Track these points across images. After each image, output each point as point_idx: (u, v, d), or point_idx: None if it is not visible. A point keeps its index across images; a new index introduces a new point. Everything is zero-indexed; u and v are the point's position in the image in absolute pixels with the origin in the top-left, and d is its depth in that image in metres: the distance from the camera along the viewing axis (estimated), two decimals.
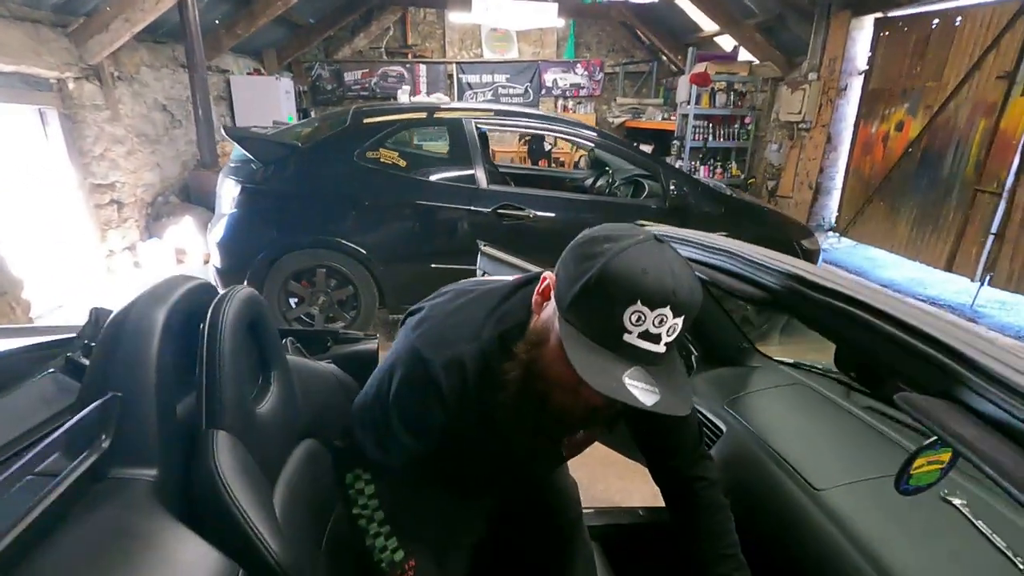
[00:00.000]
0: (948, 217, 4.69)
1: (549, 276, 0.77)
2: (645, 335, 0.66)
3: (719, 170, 6.86)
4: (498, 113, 3.40)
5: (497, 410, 0.81)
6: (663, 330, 0.66)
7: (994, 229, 4.27)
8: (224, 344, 0.83)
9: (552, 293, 0.75)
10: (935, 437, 0.68)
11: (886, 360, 0.55)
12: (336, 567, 0.98)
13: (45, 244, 3.82)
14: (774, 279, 0.73)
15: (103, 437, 0.73)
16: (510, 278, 0.91)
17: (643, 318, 0.65)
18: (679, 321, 0.67)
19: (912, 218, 5.02)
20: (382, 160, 3.10)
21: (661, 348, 0.67)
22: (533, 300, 0.79)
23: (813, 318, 0.67)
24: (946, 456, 0.67)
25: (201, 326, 0.85)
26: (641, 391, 0.65)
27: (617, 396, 0.64)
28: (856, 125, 5.65)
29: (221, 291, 0.91)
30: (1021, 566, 0.77)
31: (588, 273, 0.68)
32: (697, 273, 0.93)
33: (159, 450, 0.77)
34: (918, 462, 0.66)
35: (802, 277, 0.69)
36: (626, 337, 0.66)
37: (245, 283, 3.13)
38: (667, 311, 0.65)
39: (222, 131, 3.72)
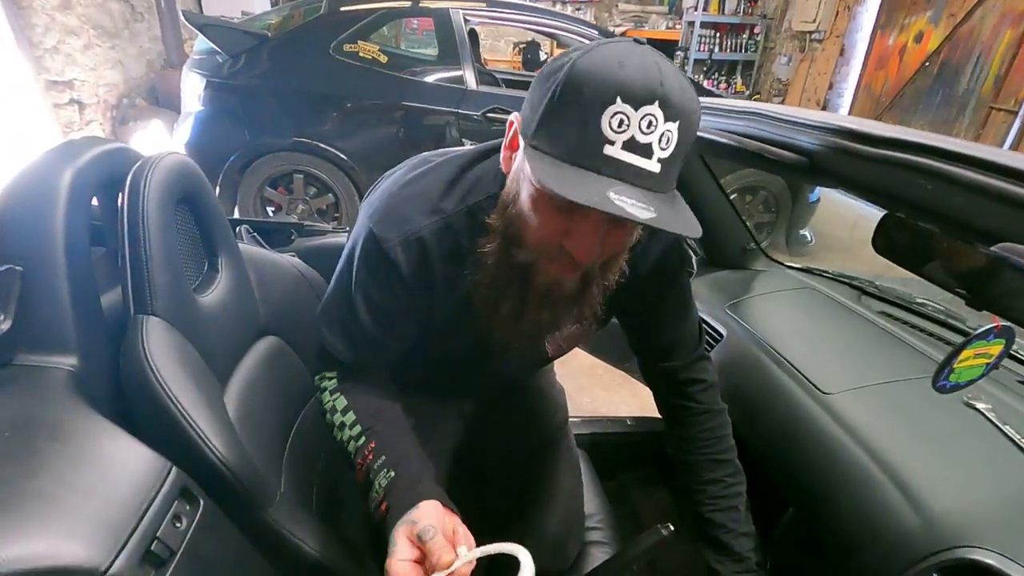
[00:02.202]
0: (959, 137, 4.50)
1: (515, 118, 0.63)
2: (631, 144, 0.52)
3: (723, 84, 6.52)
4: (490, 4, 3.08)
5: (474, 292, 0.70)
6: (653, 138, 0.53)
7: (1006, 149, 4.11)
8: (149, 218, 0.70)
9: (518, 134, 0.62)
10: (987, 327, 0.58)
11: (965, 216, 0.43)
12: (300, 471, 0.91)
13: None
14: (814, 138, 0.60)
15: (1, 317, 0.61)
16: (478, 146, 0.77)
17: (626, 121, 0.52)
18: (672, 128, 0.53)
19: None
20: (361, 55, 2.83)
21: (655, 164, 0.53)
22: (502, 156, 0.66)
23: (865, 180, 0.54)
24: (996, 348, 0.58)
25: (120, 196, 0.71)
26: (631, 206, 0.52)
27: (601, 207, 0.51)
28: (873, 36, 5.28)
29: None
30: None
31: (553, 86, 0.55)
32: (718, 139, 0.80)
33: (76, 336, 0.66)
34: (965, 354, 0.57)
35: (851, 130, 0.56)
36: (608, 150, 0.52)
37: (218, 189, 2.97)
38: (655, 109, 0.52)
39: (183, 18, 3.35)
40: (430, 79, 2.98)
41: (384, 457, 0.71)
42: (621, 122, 0.52)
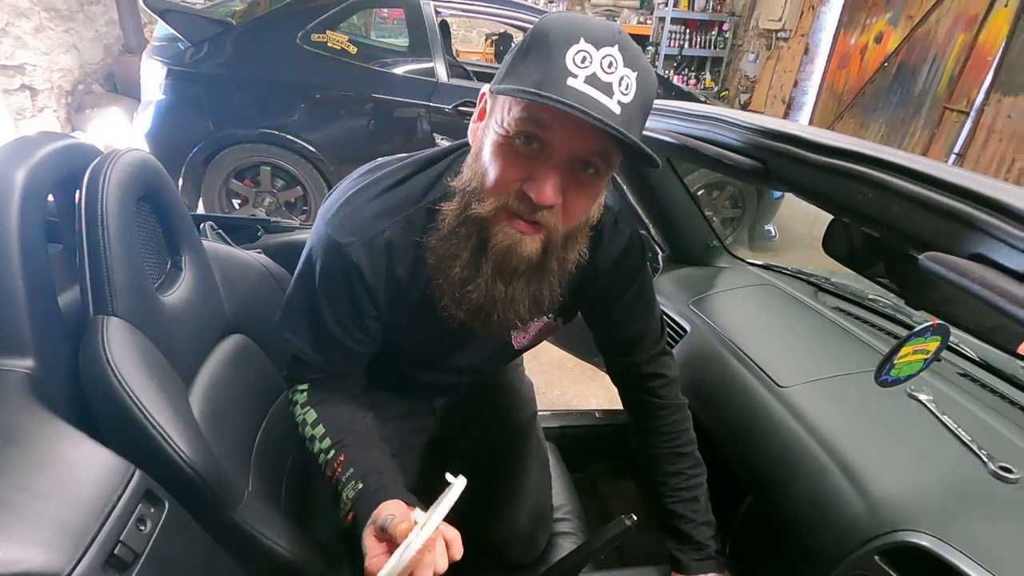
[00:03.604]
0: (915, 136, 4.68)
1: (486, 89, 0.65)
2: (593, 80, 0.54)
3: (693, 80, 6.61)
4: None
5: (429, 256, 0.69)
6: (614, 78, 0.55)
7: (957, 149, 4.29)
8: (108, 216, 0.69)
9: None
10: (925, 325, 0.61)
11: (901, 225, 0.46)
12: (269, 470, 0.91)
13: None
14: (767, 144, 0.63)
15: None
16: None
17: (588, 58, 0.55)
18: (631, 75, 0.56)
19: (880, 136, 4.99)
20: (329, 45, 2.78)
21: (615, 105, 0.55)
22: (470, 129, 0.68)
23: (814, 186, 0.57)
24: (933, 345, 0.62)
25: (77, 194, 0.70)
26: (591, 111, 0.53)
27: (562, 98, 0.52)
28: (836, 35, 5.44)
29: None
30: (986, 459, 0.75)
31: (521, 42, 0.59)
32: (680, 143, 0.82)
33: (33, 337, 0.64)
34: (904, 351, 0.60)
35: (801, 138, 0.59)
36: (571, 81, 0.54)
37: (181, 181, 2.89)
38: (614, 51, 0.55)
39: (142, 3, 3.20)
40: (400, 71, 2.95)
41: (352, 469, 0.71)
42: (584, 58, 0.54)
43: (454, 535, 0.61)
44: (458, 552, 0.60)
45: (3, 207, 0.63)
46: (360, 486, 0.69)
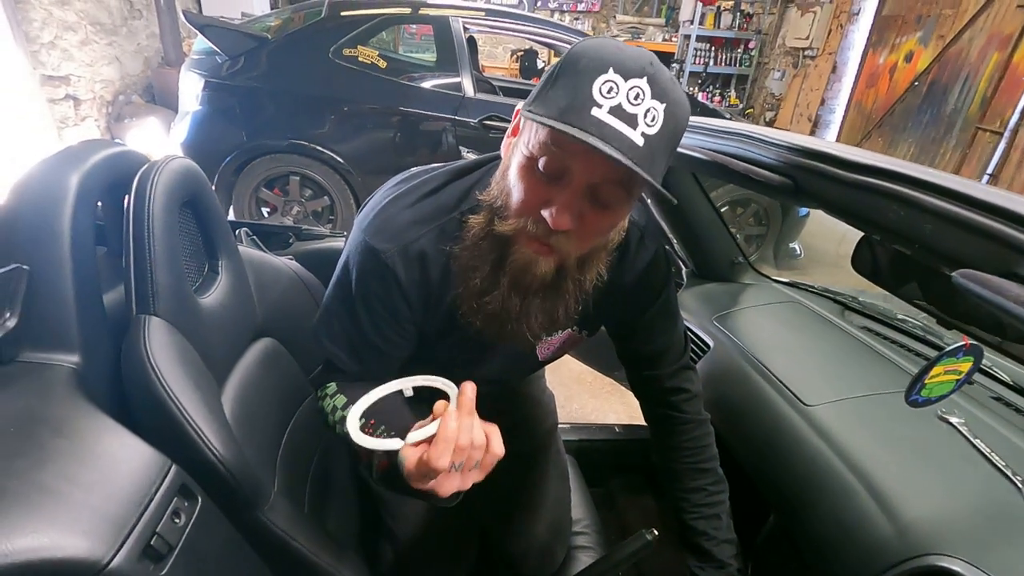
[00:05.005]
0: (946, 156, 4.59)
1: (520, 105, 0.66)
2: (618, 111, 0.54)
3: (717, 97, 6.61)
4: (489, 14, 3.12)
5: (454, 263, 0.71)
6: (639, 110, 0.55)
7: (991, 170, 4.20)
8: (154, 220, 0.72)
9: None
10: (957, 345, 0.61)
11: (933, 243, 0.46)
12: (294, 471, 0.92)
13: None
14: (797, 160, 0.63)
15: (7, 314, 0.63)
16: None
17: (615, 88, 0.54)
18: (659, 107, 0.56)
19: (909, 156, 4.91)
20: (360, 59, 2.85)
21: (638, 137, 0.55)
22: (503, 144, 0.69)
23: (844, 203, 0.57)
24: (966, 365, 0.61)
25: (126, 199, 0.73)
26: (607, 148, 0.53)
27: (580, 136, 0.53)
28: (864, 54, 5.39)
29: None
30: (1020, 484, 0.73)
31: (555, 66, 0.59)
32: (708, 159, 0.83)
33: (80, 334, 0.67)
34: (935, 371, 0.60)
35: (831, 155, 0.59)
36: (595, 111, 0.54)
37: (213, 189, 2.99)
38: (643, 83, 0.55)
39: (182, 18, 3.33)
40: (428, 85, 3.01)
41: (383, 427, 0.71)
42: (610, 89, 0.55)
43: (492, 428, 0.62)
44: (498, 447, 0.61)
45: (57, 210, 0.66)
46: (393, 434, 0.68)
